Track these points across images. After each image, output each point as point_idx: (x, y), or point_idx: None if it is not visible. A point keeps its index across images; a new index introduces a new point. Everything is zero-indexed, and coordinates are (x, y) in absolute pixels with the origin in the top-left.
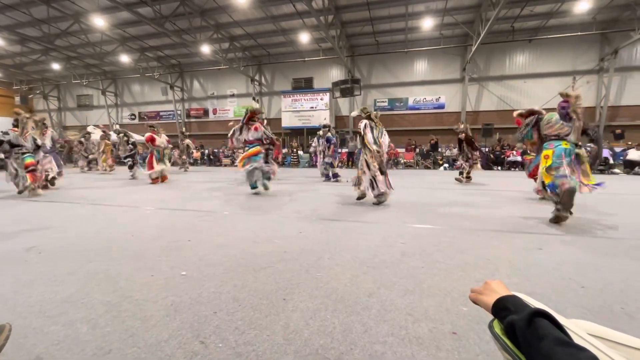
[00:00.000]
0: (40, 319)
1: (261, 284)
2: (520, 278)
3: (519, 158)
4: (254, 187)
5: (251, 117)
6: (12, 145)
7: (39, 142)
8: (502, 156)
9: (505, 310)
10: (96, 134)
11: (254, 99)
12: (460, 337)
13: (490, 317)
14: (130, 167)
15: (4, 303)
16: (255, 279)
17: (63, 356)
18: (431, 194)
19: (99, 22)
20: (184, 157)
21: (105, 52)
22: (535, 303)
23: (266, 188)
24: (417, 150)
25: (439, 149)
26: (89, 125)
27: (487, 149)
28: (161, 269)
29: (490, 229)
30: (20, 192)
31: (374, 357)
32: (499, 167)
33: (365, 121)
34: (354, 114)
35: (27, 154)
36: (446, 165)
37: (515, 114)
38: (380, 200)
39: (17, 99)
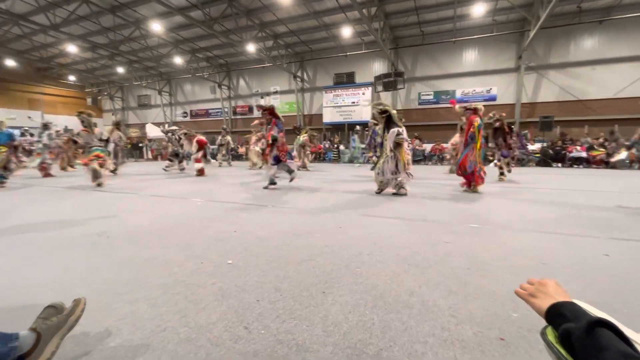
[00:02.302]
0: (109, 295)
1: (302, 276)
2: (582, 285)
3: (583, 154)
4: (273, 182)
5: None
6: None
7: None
8: (563, 152)
9: (561, 317)
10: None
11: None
12: (509, 344)
13: (543, 322)
14: (180, 162)
15: (81, 280)
16: (296, 271)
17: (127, 330)
18: (480, 191)
19: (156, 27)
20: (223, 152)
21: (161, 54)
22: (597, 312)
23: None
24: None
25: (489, 144)
26: (147, 123)
27: (545, 144)
28: (210, 257)
29: (547, 230)
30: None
31: (413, 356)
32: (559, 164)
33: (398, 130)
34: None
35: (96, 148)
36: (497, 161)
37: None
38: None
39: (89, 100)
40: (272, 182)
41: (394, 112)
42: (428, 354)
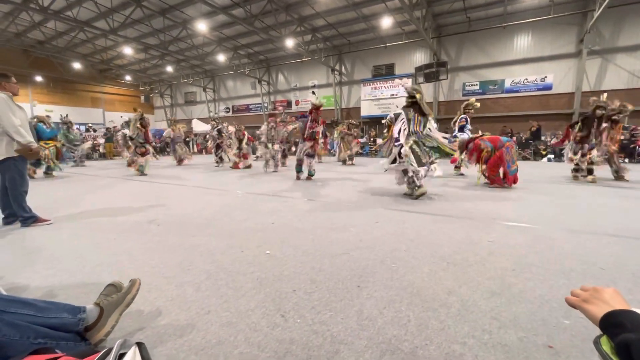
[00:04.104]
0: (159, 278)
1: (337, 269)
2: None
3: None
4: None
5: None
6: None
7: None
8: (632, 145)
9: (619, 327)
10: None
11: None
12: (558, 352)
13: (599, 332)
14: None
15: (135, 263)
16: (331, 264)
17: (175, 311)
18: (530, 189)
19: (202, 26)
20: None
21: (206, 53)
22: None
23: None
24: (514, 138)
25: (542, 137)
26: (193, 119)
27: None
28: (249, 247)
29: (606, 232)
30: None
31: (451, 356)
32: (627, 159)
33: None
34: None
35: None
36: (551, 156)
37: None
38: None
39: (142, 98)
40: (311, 174)
41: (419, 97)
42: (467, 355)
